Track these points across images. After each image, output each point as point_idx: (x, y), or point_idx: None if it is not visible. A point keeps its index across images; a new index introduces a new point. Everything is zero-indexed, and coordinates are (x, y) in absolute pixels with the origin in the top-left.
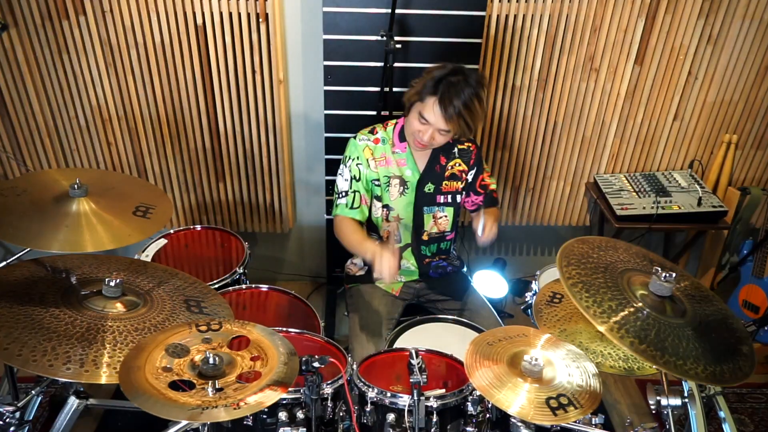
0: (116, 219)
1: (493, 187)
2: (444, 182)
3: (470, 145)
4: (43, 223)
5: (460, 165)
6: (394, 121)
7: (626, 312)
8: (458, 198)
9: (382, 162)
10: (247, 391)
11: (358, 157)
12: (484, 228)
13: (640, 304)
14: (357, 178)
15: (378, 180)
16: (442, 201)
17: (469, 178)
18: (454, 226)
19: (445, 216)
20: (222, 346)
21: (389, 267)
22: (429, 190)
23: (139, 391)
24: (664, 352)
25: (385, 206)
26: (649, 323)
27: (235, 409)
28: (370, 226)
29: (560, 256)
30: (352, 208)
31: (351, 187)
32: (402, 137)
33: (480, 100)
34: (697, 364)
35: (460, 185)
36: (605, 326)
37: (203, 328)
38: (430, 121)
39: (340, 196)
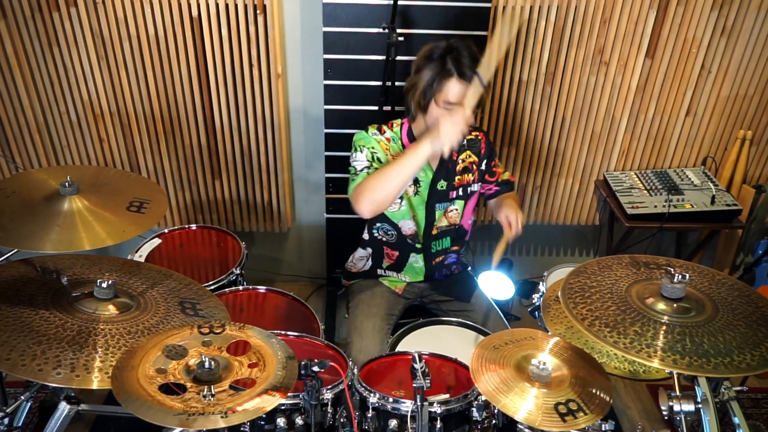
0: (110, 215)
1: (505, 176)
2: (456, 177)
3: (477, 134)
4: (34, 223)
5: (470, 156)
6: (399, 121)
7: (654, 331)
8: (469, 189)
9: None
10: (240, 398)
11: (373, 147)
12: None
13: (665, 318)
14: (380, 159)
15: None
16: (454, 196)
17: (483, 167)
18: (464, 218)
19: (456, 209)
20: (222, 350)
21: (459, 121)
22: (442, 187)
23: (129, 393)
24: (708, 356)
25: (411, 207)
26: (679, 333)
27: (222, 417)
28: (376, 220)
29: (564, 299)
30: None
31: (372, 165)
32: (411, 137)
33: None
34: (743, 354)
35: (471, 177)
36: (656, 360)
37: (205, 330)
38: (458, 101)
39: (359, 171)
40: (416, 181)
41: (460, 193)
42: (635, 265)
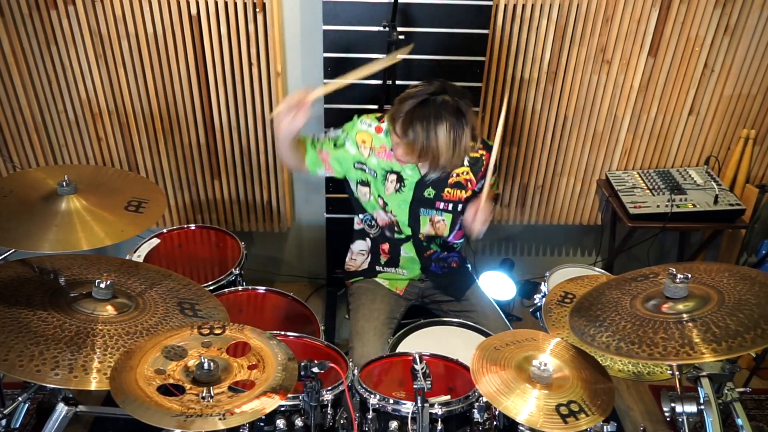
0: (108, 215)
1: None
2: (446, 189)
3: (484, 153)
4: (32, 223)
5: (467, 174)
6: None
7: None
8: (459, 207)
9: (381, 153)
10: (239, 400)
11: (347, 135)
12: (474, 214)
13: (685, 316)
14: (336, 144)
15: (366, 165)
16: (441, 207)
17: (477, 188)
18: (453, 230)
19: (443, 221)
20: (221, 351)
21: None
22: (429, 195)
23: (127, 394)
24: (741, 334)
25: (380, 196)
26: (702, 324)
27: (221, 419)
28: (359, 209)
29: (579, 335)
30: (312, 142)
31: (323, 139)
32: None
33: (456, 132)
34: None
35: (464, 194)
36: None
37: (205, 331)
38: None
39: (322, 138)
40: (401, 179)
41: (449, 207)
42: (624, 282)
